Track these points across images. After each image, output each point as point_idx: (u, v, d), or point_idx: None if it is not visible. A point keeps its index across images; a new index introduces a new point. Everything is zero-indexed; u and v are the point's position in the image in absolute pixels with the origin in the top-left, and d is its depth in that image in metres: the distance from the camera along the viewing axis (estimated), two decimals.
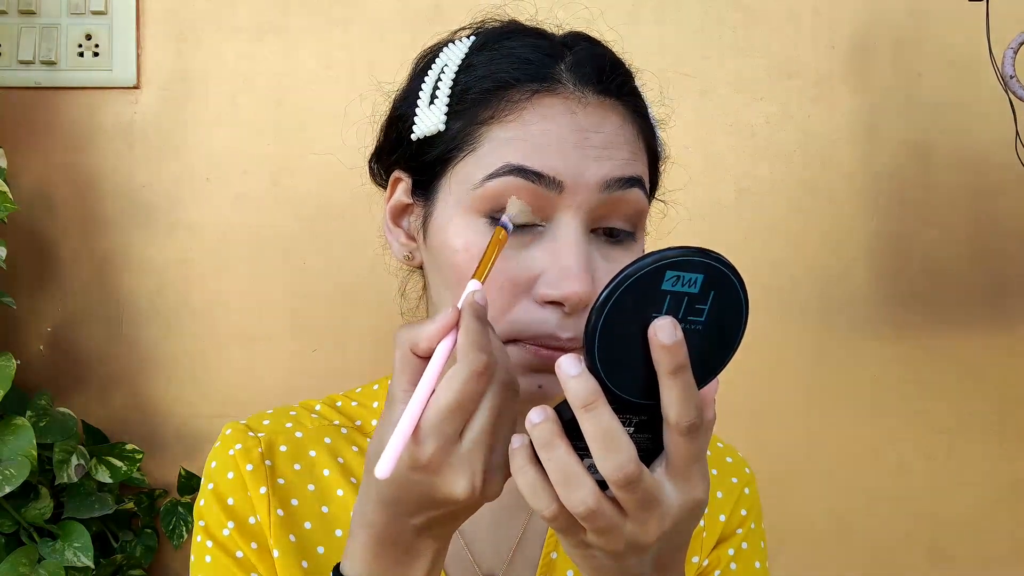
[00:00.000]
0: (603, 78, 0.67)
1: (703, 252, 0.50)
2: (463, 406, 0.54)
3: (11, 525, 1.19)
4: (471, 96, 0.66)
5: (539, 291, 0.63)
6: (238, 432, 0.76)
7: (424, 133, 0.68)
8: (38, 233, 1.35)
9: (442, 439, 0.54)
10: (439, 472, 0.55)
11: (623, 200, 0.65)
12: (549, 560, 0.76)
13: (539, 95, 0.65)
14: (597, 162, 0.64)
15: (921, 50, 1.37)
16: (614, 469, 0.50)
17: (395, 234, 0.74)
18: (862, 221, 1.37)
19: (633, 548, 0.54)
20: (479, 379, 0.54)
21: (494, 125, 0.65)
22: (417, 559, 0.60)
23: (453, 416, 0.54)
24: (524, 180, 0.63)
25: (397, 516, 0.58)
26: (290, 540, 0.72)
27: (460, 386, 0.54)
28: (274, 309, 1.35)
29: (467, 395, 0.54)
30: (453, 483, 0.55)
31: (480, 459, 0.55)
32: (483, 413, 0.55)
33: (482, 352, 0.54)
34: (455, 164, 0.66)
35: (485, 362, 0.54)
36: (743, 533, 0.82)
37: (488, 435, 0.55)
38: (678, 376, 0.50)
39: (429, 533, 0.59)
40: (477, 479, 0.55)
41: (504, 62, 0.67)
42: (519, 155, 0.63)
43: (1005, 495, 1.37)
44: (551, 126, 0.64)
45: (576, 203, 0.63)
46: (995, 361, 1.37)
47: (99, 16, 1.35)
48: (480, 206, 0.64)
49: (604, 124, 0.66)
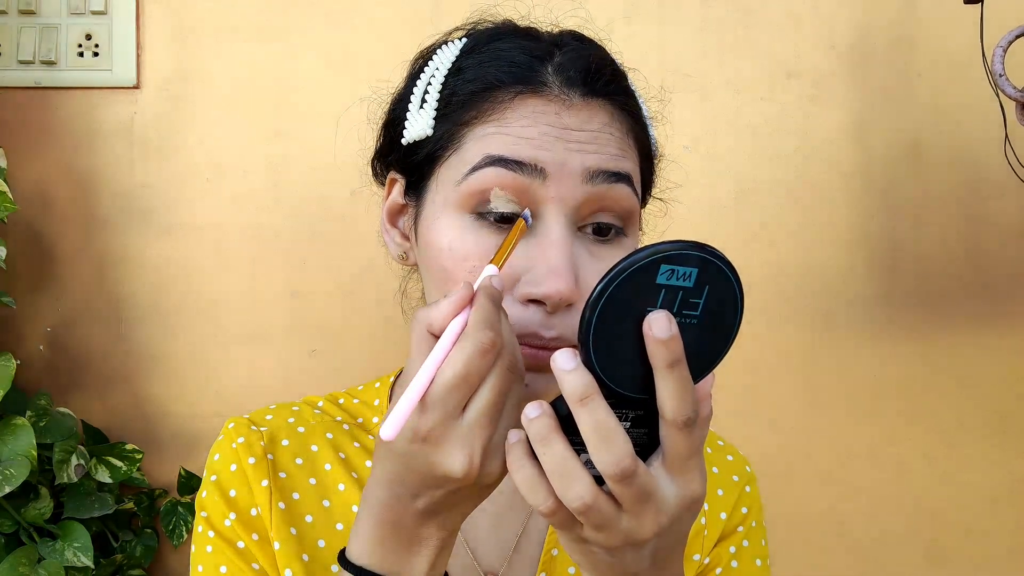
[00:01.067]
0: (589, 79, 0.67)
1: (698, 246, 0.50)
2: (468, 380, 0.54)
3: (11, 525, 1.19)
4: (457, 99, 0.67)
5: (521, 289, 0.63)
6: (241, 426, 0.77)
7: (414, 137, 0.69)
8: (38, 233, 1.35)
9: (444, 412, 0.54)
10: (438, 445, 0.55)
11: (609, 195, 0.65)
12: (550, 557, 0.76)
13: (522, 96, 0.65)
14: (580, 153, 0.64)
15: (920, 51, 1.37)
16: (610, 464, 0.50)
17: (391, 234, 0.75)
18: (861, 221, 1.37)
19: (630, 543, 0.54)
20: (484, 356, 0.54)
21: (476, 124, 0.65)
22: (421, 547, 0.60)
23: (457, 389, 0.54)
24: (505, 170, 0.63)
25: (399, 497, 0.58)
26: (291, 533, 0.73)
27: (465, 360, 0.54)
28: (274, 309, 1.35)
29: (472, 370, 0.54)
30: (451, 458, 0.55)
31: (480, 437, 0.55)
32: (486, 391, 0.55)
33: (490, 330, 0.54)
34: (441, 164, 0.67)
35: (491, 339, 0.54)
36: (744, 531, 0.82)
37: (489, 414, 0.55)
38: (673, 370, 0.50)
39: (433, 520, 0.59)
40: (476, 456, 0.55)
41: (491, 65, 0.67)
42: (500, 147, 0.64)
43: (1004, 495, 1.37)
44: (533, 122, 0.64)
45: (560, 195, 0.63)
46: (995, 361, 1.37)
47: (99, 16, 1.35)
48: (464, 201, 0.65)
49: (590, 122, 0.66)
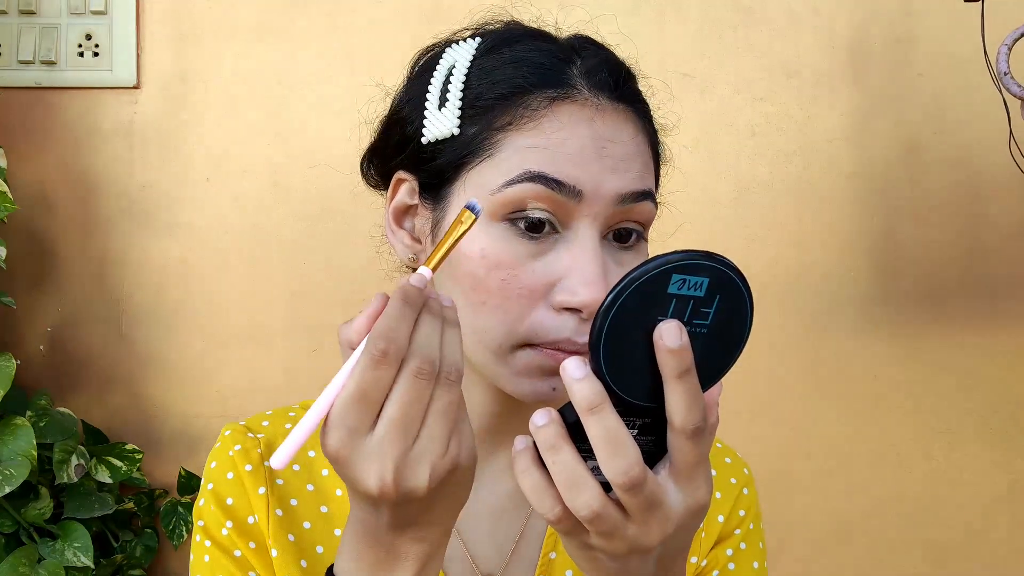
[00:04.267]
0: (618, 84, 0.68)
1: (709, 256, 0.50)
2: (365, 395, 0.52)
3: (11, 525, 1.19)
4: (485, 101, 0.67)
5: (557, 298, 0.63)
6: (237, 433, 0.76)
7: (436, 136, 0.68)
8: (38, 233, 1.35)
9: (345, 430, 0.53)
10: (348, 464, 0.53)
11: (634, 210, 0.66)
12: (548, 560, 0.76)
13: (557, 102, 0.65)
14: (615, 174, 0.65)
15: (920, 50, 1.37)
16: (619, 472, 0.51)
17: (398, 236, 0.74)
18: (861, 221, 1.37)
19: (636, 550, 0.54)
20: (378, 366, 0.52)
21: (512, 131, 0.65)
22: (400, 561, 0.58)
23: (356, 406, 0.52)
24: (544, 187, 0.63)
25: (368, 511, 0.57)
26: (289, 539, 0.73)
27: (360, 375, 0.52)
28: (274, 309, 1.35)
29: (367, 383, 0.52)
30: (364, 475, 0.53)
31: (392, 451, 0.53)
32: (391, 404, 0.53)
33: (382, 340, 0.52)
34: (470, 169, 0.67)
35: (383, 349, 0.52)
36: (741, 533, 0.82)
37: (399, 426, 0.53)
38: (683, 379, 0.50)
39: (405, 535, 0.58)
40: (387, 472, 0.53)
41: (517, 67, 0.67)
42: (540, 162, 0.64)
43: (1004, 495, 1.37)
44: (570, 135, 0.65)
45: (593, 213, 0.64)
46: (995, 361, 1.37)
47: (99, 16, 1.34)
48: (498, 211, 0.64)
49: (621, 133, 0.66)
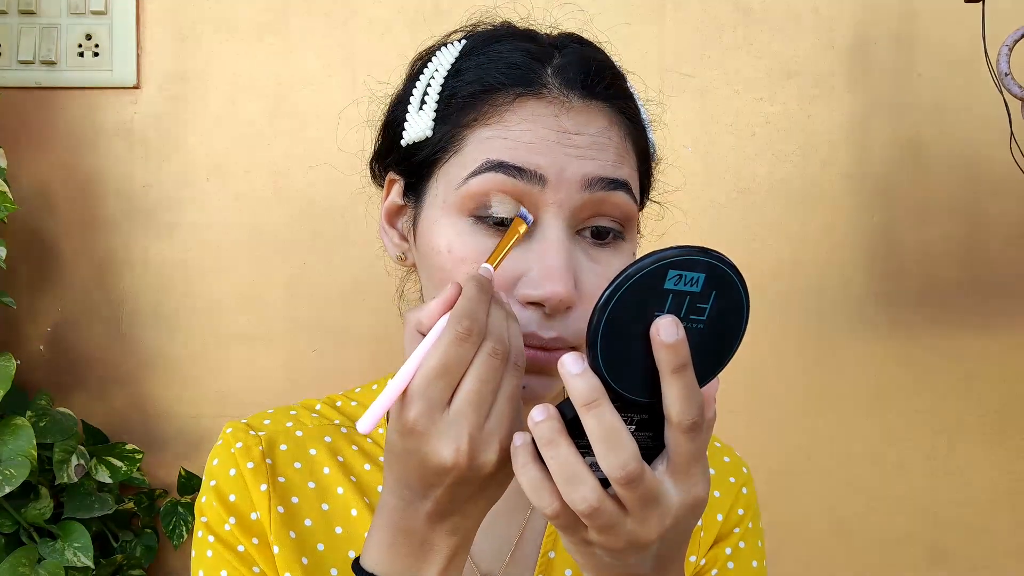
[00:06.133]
0: (588, 81, 0.67)
1: (705, 251, 0.50)
2: (448, 369, 0.55)
3: (11, 525, 1.19)
4: (457, 100, 0.67)
5: (520, 291, 0.64)
6: (239, 431, 0.77)
7: (412, 138, 0.69)
8: (38, 233, 1.35)
9: (427, 403, 0.55)
10: (425, 436, 0.55)
11: (607, 201, 0.65)
12: (547, 559, 0.76)
13: (522, 98, 0.66)
14: (579, 160, 0.65)
15: (920, 50, 1.37)
16: (616, 467, 0.51)
17: (389, 235, 0.75)
18: (861, 221, 1.37)
19: (634, 546, 0.54)
20: (461, 343, 0.55)
21: (476, 127, 0.66)
22: (431, 553, 0.60)
23: (438, 379, 0.55)
24: (505, 175, 0.64)
25: (408, 501, 0.59)
26: (290, 536, 0.73)
27: (443, 349, 0.55)
28: (274, 309, 1.35)
29: (450, 358, 0.55)
30: (440, 447, 0.55)
31: (467, 425, 0.55)
32: (468, 379, 0.55)
33: (466, 318, 0.55)
34: (441, 166, 0.68)
35: (467, 327, 0.55)
36: (740, 532, 0.82)
37: (474, 402, 0.55)
38: (680, 375, 0.51)
39: (442, 525, 0.59)
40: (463, 444, 0.55)
41: (491, 67, 0.67)
42: (500, 151, 0.64)
43: (1005, 495, 1.37)
44: (533, 126, 0.65)
45: (558, 200, 0.64)
46: (995, 360, 1.37)
47: (99, 16, 1.35)
48: (464, 204, 0.65)
49: (589, 126, 0.66)
